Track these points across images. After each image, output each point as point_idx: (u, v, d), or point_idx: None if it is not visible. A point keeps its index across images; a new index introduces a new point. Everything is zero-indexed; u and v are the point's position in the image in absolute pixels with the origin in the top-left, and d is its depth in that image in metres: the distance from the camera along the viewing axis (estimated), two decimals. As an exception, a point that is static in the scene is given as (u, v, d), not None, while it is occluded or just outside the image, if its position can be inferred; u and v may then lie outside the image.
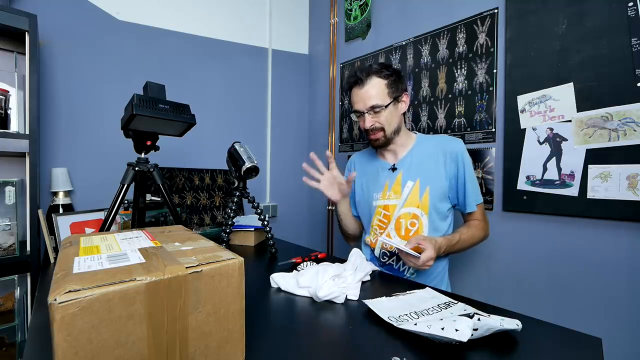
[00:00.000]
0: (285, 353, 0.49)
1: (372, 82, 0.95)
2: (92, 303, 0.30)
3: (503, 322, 0.51)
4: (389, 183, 1.03)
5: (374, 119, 0.97)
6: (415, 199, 0.98)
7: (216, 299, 0.39)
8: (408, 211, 0.98)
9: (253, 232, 1.20)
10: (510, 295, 1.20)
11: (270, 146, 1.93)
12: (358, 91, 0.98)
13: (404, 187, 1.00)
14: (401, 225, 0.99)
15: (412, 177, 1.00)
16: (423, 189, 0.97)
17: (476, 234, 0.98)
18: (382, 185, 1.05)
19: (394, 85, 0.97)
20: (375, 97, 0.95)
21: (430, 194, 0.97)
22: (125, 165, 0.97)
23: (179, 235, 0.51)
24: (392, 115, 0.98)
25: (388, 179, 1.04)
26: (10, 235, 1.02)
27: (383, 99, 0.96)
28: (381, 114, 0.97)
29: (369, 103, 0.96)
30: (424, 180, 0.98)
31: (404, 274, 0.99)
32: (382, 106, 0.95)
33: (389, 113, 0.97)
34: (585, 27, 1.00)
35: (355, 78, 0.98)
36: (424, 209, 0.97)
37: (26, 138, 1.01)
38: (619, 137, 0.95)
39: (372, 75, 0.96)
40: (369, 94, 0.95)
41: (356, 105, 1.00)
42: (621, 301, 0.97)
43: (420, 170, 0.99)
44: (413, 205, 0.98)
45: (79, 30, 1.33)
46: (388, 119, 0.97)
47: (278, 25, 1.95)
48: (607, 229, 0.99)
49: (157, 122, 0.89)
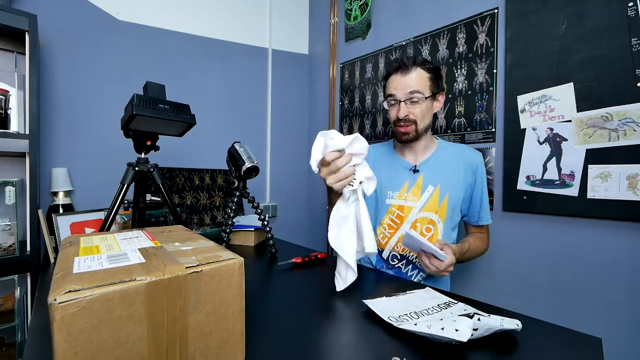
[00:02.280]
0: (285, 353, 0.49)
1: (416, 71, 0.92)
2: (92, 303, 0.30)
3: (503, 322, 0.51)
4: (409, 184, 1.00)
5: (410, 109, 0.93)
6: (434, 205, 0.96)
7: (216, 299, 0.39)
8: (425, 216, 0.96)
9: (253, 232, 1.20)
10: (510, 295, 1.20)
11: (270, 146, 1.93)
12: (400, 77, 0.93)
13: (424, 191, 0.97)
14: (417, 229, 0.96)
15: (434, 182, 0.97)
16: (442, 196, 0.96)
17: (481, 246, 1.02)
18: (401, 185, 1.00)
19: (435, 81, 0.95)
20: (417, 85, 0.92)
21: (448, 202, 0.96)
22: (125, 165, 0.97)
23: (179, 235, 0.51)
24: (427, 110, 0.95)
25: (408, 180, 1.00)
26: (10, 235, 1.02)
27: (424, 89, 0.92)
28: (418, 105, 0.93)
29: (408, 89, 0.92)
30: (444, 187, 0.96)
31: (411, 279, 0.97)
32: (422, 96, 0.92)
33: (425, 107, 0.94)
34: (585, 27, 1.00)
35: (399, 63, 0.94)
36: (441, 216, 0.96)
37: (26, 138, 1.01)
38: (619, 137, 0.95)
39: (418, 66, 0.93)
40: (412, 82, 0.92)
41: (394, 91, 0.94)
42: (621, 301, 0.97)
43: (441, 176, 0.97)
44: (431, 210, 0.96)
45: (79, 30, 1.33)
46: (423, 113, 0.94)
47: (278, 25, 1.95)
48: (607, 229, 0.99)
49: (157, 122, 0.89)
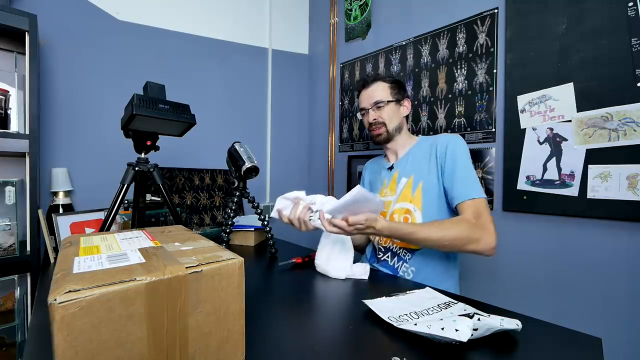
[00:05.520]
0: (285, 353, 0.49)
1: (377, 84, 1.08)
2: (92, 303, 0.30)
3: (503, 322, 0.51)
4: (386, 182, 1.08)
5: (377, 113, 1.06)
6: (408, 195, 1.00)
7: (216, 299, 0.39)
8: (401, 206, 1.00)
9: (253, 232, 1.20)
10: (510, 295, 1.20)
11: (270, 146, 1.93)
12: (365, 91, 1.10)
13: (398, 184, 1.03)
14: (394, 220, 1.00)
15: (407, 174, 1.03)
16: (416, 185, 1.00)
17: (452, 231, 0.82)
18: (380, 185, 1.10)
19: (396, 89, 1.08)
20: (378, 94, 1.06)
21: (423, 190, 0.98)
22: (125, 165, 0.97)
23: (179, 235, 0.51)
24: (394, 113, 1.06)
25: (386, 178, 1.09)
26: (10, 235, 1.02)
27: (385, 96, 1.06)
28: (383, 109, 1.05)
29: (372, 100, 1.07)
30: (417, 177, 1.00)
31: (397, 271, 0.98)
32: (384, 101, 1.05)
33: (390, 110, 1.06)
34: (585, 27, 1.00)
35: (362, 81, 1.12)
36: (417, 204, 0.98)
37: (26, 138, 1.01)
38: (619, 137, 0.95)
39: (377, 80, 1.09)
40: (373, 92, 1.07)
41: (362, 104, 1.11)
42: (621, 301, 0.97)
43: (414, 167, 1.02)
44: (406, 200, 1.00)
45: (79, 30, 1.33)
46: (389, 115, 1.06)
47: (278, 26, 1.95)
48: (607, 229, 0.99)
49: (157, 122, 0.89)
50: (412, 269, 0.97)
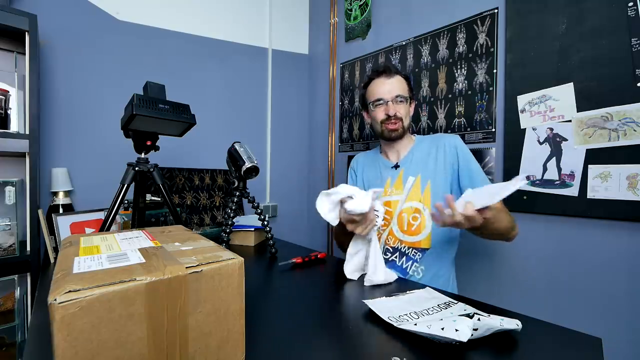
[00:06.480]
0: (285, 353, 0.49)
1: (397, 77, 1.04)
2: (92, 303, 0.30)
3: (503, 322, 0.51)
4: (391, 180, 1.06)
5: (397, 108, 1.03)
6: (417, 194, 1.00)
7: (216, 299, 0.39)
8: (410, 205, 1.00)
9: (253, 232, 1.20)
10: (510, 295, 1.20)
11: (270, 146, 1.93)
12: (385, 80, 1.04)
13: (406, 183, 1.03)
14: (403, 219, 1.00)
15: (414, 173, 1.03)
16: (424, 183, 1.00)
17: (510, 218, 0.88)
18: (384, 183, 1.08)
19: (409, 87, 1.07)
20: (400, 89, 1.03)
21: (431, 188, 0.99)
22: (125, 165, 0.97)
23: (179, 235, 0.51)
24: (407, 111, 1.06)
25: (390, 177, 1.07)
26: (10, 235, 1.02)
27: (405, 92, 1.04)
28: (403, 105, 1.03)
29: (394, 93, 1.02)
30: (425, 176, 1.01)
31: (406, 271, 0.99)
32: (406, 97, 1.03)
33: (407, 108, 1.05)
34: (585, 27, 1.00)
35: (383, 68, 1.05)
36: (426, 203, 0.98)
37: (26, 138, 1.01)
38: (619, 137, 0.95)
39: (397, 74, 1.05)
40: (396, 84, 1.03)
41: (380, 94, 1.04)
42: (621, 301, 0.97)
43: (419, 166, 1.03)
44: (415, 199, 1.00)
45: (79, 30, 1.33)
46: (406, 112, 1.05)
47: (278, 26, 1.95)
48: (607, 229, 0.99)
49: (157, 122, 0.89)
50: (421, 267, 0.98)
